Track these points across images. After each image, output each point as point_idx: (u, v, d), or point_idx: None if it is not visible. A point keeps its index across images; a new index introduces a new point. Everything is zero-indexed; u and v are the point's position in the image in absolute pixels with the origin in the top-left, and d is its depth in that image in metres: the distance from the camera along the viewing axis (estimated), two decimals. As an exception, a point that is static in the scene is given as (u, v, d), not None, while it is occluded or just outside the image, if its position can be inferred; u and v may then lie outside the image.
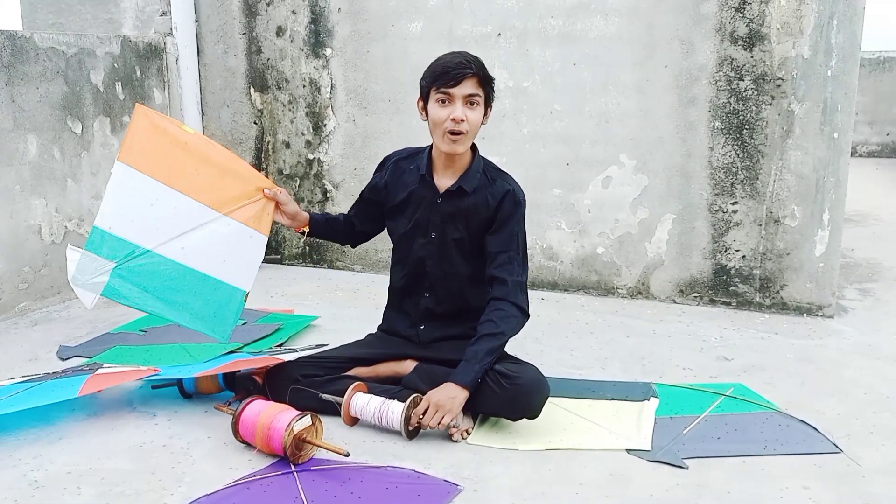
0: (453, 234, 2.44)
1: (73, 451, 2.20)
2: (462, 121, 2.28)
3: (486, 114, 2.37)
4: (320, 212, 2.70)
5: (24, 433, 2.30)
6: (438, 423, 2.22)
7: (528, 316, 2.41)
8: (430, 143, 2.46)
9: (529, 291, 2.45)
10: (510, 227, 2.40)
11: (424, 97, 2.36)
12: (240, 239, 2.54)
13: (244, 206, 2.52)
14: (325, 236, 2.76)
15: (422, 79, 2.36)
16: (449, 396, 2.23)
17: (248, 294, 2.62)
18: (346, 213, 2.73)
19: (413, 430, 2.28)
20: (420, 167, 2.45)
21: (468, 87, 2.28)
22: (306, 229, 2.63)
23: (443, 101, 2.30)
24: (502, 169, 2.50)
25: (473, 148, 2.45)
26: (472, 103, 2.30)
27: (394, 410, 2.27)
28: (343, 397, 2.32)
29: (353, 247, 2.82)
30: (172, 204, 2.47)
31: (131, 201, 2.46)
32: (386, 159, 2.59)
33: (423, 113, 2.39)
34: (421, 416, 2.24)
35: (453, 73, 2.26)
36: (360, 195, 2.68)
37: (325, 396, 2.34)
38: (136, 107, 2.47)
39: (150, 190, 2.45)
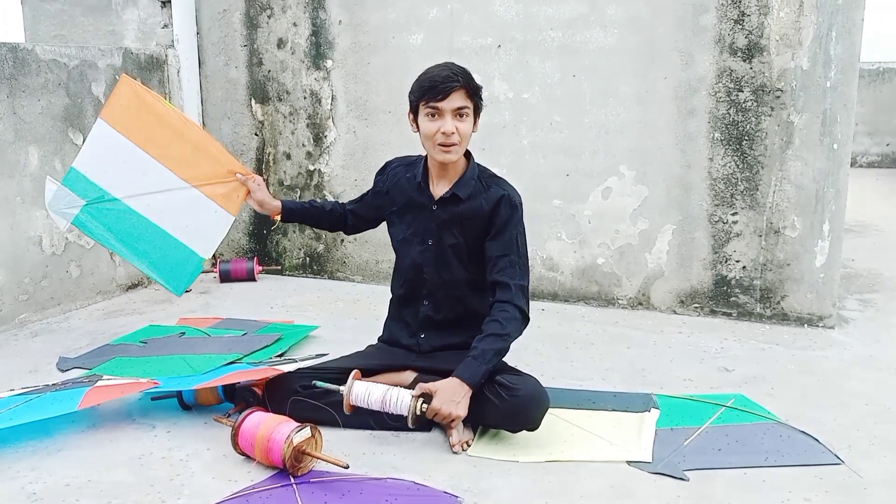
0: (449, 240, 2.46)
1: (72, 464, 2.20)
2: (452, 133, 2.30)
3: (475, 123, 2.39)
4: (301, 200, 2.77)
5: (22, 445, 2.30)
6: (450, 422, 2.24)
7: (528, 320, 2.41)
8: (426, 154, 2.48)
9: (530, 301, 2.45)
10: (509, 231, 2.41)
11: (414, 110, 2.39)
12: (204, 211, 2.74)
13: (214, 185, 2.75)
14: (303, 223, 2.87)
15: (410, 92, 2.38)
16: (453, 401, 2.20)
17: (205, 261, 2.86)
18: (342, 202, 2.80)
19: (418, 418, 2.22)
20: (416, 175, 2.49)
21: (457, 100, 2.30)
22: (278, 217, 2.74)
23: (432, 115, 2.32)
24: (498, 175, 2.51)
25: (468, 155, 2.46)
26: (461, 115, 2.32)
27: (401, 396, 2.23)
28: (341, 387, 2.29)
29: (347, 234, 2.92)
30: (142, 166, 2.68)
31: (106, 155, 2.66)
32: (387, 164, 2.64)
33: (414, 125, 2.41)
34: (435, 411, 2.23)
35: (441, 87, 2.28)
36: (362, 195, 2.75)
37: (321, 384, 2.31)
38: (122, 76, 2.66)
39: (123, 149, 2.67)
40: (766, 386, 2.81)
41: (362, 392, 2.28)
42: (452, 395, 2.21)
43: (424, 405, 2.23)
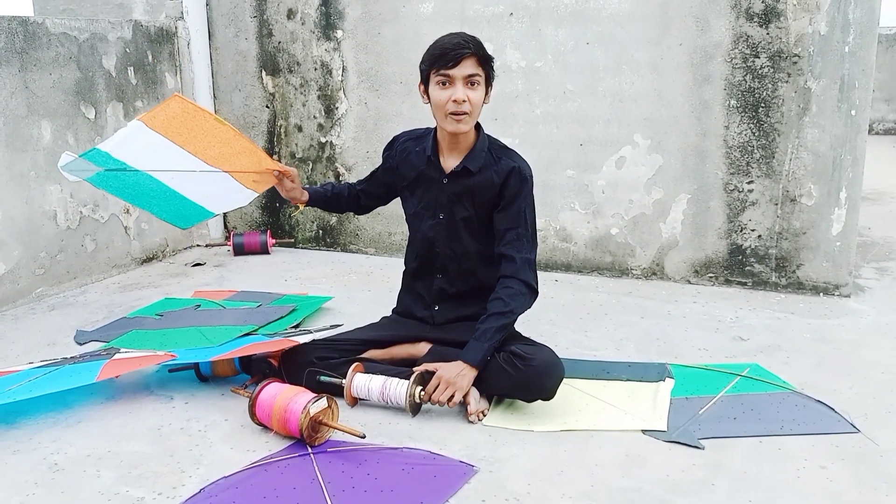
0: (461, 213, 2.45)
1: (92, 435, 2.23)
2: (464, 101, 2.27)
3: (487, 93, 2.36)
4: (322, 186, 2.75)
5: (43, 417, 2.33)
6: (449, 400, 2.24)
7: (536, 293, 2.41)
8: (435, 126, 2.46)
9: (544, 273, 2.46)
10: (517, 204, 2.40)
11: (425, 80, 2.36)
12: (230, 189, 2.69)
13: (246, 173, 2.62)
14: (323, 209, 2.85)
15: (421, 62, 2.35)
16: (458, 374, 2.25)
17: (215, 215, 2.89)
18: (352, 183, 2.78)
19: (417, 406, 2.30)
20: (426, 149, 2.46)
21: (468, 67, 2.27)
22: (302, 206, 2.72)
23: (443, 84, 2.29)
24: (509, 147, 2.49)
25: (478, 127, 2.44)
26: (472, 83, 2.29)
27: (398, 386, 2.29)
28: (343, 379, 2.34)
29: (359, 214, 2.92)
30: (176, 156, 2.56)
31: (138, 145, 2.52)
32: (395, 139, 2.61)
33: (425, 96, 2.38)
34: (431, 393, 2.25)
35: (452, 55, 2.25)
36: (372, 172, 2.72)
37: (325, 378, 2.35)
38: (174, 95, 2.52)
39: (160, 143, 2.53)
40: (781, 355, 2.80)
41: (363, 384, 2.34)
42: (455, 370, 2.26)
43: (422, 392, 2.28)
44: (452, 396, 2.24)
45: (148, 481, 1.98)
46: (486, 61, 2.31)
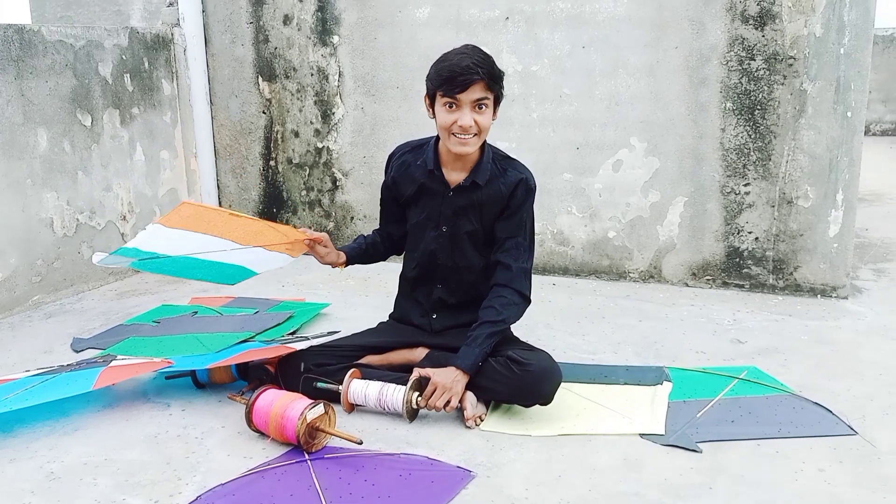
0: (466, 226, 2.42)
1: (89, 443, 2.22)
2: (470, 126, 2.22)
3: (495, 112, 2.30)
4: (355, 241, 2.64)
5: (39, 425, 2.32)
6: (445, 405, 2.24)
7: (529, 302, 2.41)
8: (435, 135, 2.41)
9: (541, 276, 2.46)
10: (520, 214, 2.39)
11: (431, 96, 2.29)
12: (266, 258, 2.62)
13: (278, 245, 2.54)
14: (365, 263, 2.68)
15: (428, 78, 2.28)
16: (452, 379, 2.25)
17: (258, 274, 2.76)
18: (378, 229, 2.66)
19: (414, 412, 2.30)
20: (427, 162, 2.40)
21: (476, 91, 2.19)
22: (342, 268, 2.61)
23: (450, 106, 2.22)
24: (511, 157, 2.46)
25: None
26: (480, 107, 2.23)
27: (395, 392, 2.29)
28: (340, 385, 2.34)
29: (402, 252, 2.68)
30: (205, 240, 2.52)
31: (162, 239, 2.50)
32: (391, 156, 2.55)
33: (430, 111, 2.32)
34: (428, 398, 2.26)
35: (460, 80, 2.17)
36: (381, 202, 2.63)
37: (322, 385, 2.35)
38: (183, 202, 2.50)
39: (184, 234, 2.49)
40: (779, 357, 2.80)
41: (359, 390, 2.33)
42: (450, 376, 2.26)
43: (419, 399, 2.28)
44: (449, 402, 2.24)
45: (145, 489, 1.97)
46: (495, 82, 2.23)
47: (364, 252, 2.62)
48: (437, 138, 2.40)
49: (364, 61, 4.06)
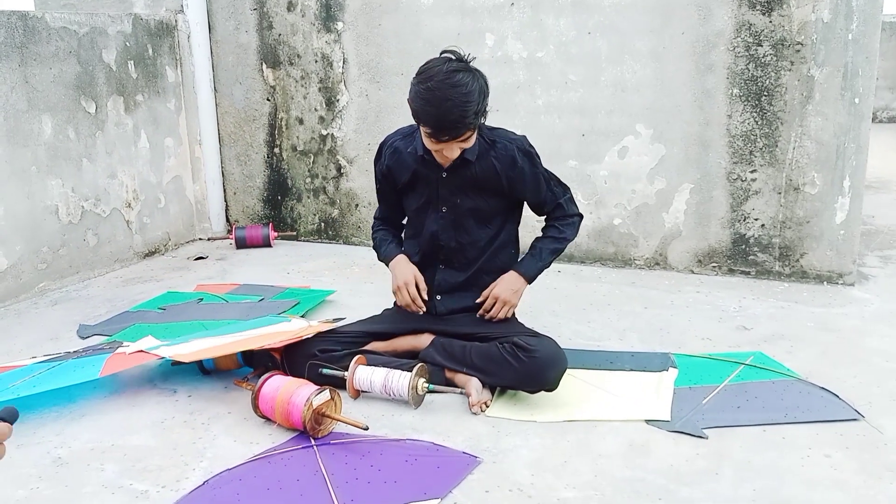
0: (467, 203, 2.44)
1: (96, 429, 2.23)
2: (455, 157, 2.30)
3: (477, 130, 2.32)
4: (391, 244, 2.62)
5: (46, 411, 2.33)
6: (505, 313, 2.44)
7: (582, 217, 2.60)
8: None
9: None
10: (535, 175, 2.46)
11: (414, 118, 2.28)
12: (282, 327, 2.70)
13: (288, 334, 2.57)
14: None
15: (411, 105, 2.26)
16: (511, 289, 2.45)
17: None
18: (380, 222, 2.68)
19: (420, 398, 2.30)
20: (417, 148, 2.42)
21: (460, 137, 2.22)
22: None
23: (433, 140, 2.24)
24: (495, 126, 2.46)
25: None
26: (464, 140, 2.25)
27: (400, 379, 2.29)
28: (346, 372, 2.34)
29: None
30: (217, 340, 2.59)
31: (171, 349, 2.54)
32: (382, 145, 2.57)
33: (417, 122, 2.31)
34: (488, 310, 2.43)
35: (448, 132, 2.19)
36: (377, 192, 2.65)
37: (327, 371, 2.35)
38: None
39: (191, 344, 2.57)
40: (785, 344, 2.79)
41: (365, 376, 2.33)
42: (510, 285, 2.45)
43: (426, 384, 2.30)
44: (504, 308, 2.44)
45: (152, 474, 1.98)
46: (478, 117, 2.23)
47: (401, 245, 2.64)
48: None
49: (368, 48, 4.05)
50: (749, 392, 2.38)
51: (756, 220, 3.53)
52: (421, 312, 2.46)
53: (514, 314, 2.57)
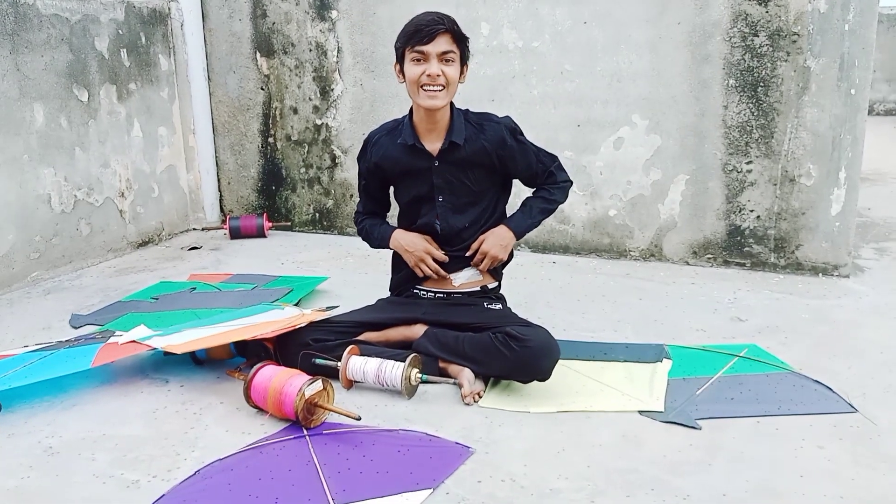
0: (461, 189, 2.47)
1: (87, 418, 2.22)
2: (438, 75, 2.30)
3: (462, 72, 2.39)
4: (382, 227, 2.67)
5: (37, 401, 2.32)
6: (492, 262, 2.49)
7: (571, 182, 2.64)
8: (406, 113, 2.46)
9: (541, 254, 2.51)
10: (522, 149, 2.50)
11: (400, 59, 2.38)
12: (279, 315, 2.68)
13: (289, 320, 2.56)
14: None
15: (396, 41, 2.37)
16: (500, 244, 2.48)
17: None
18: (360, 212, 2.72)
19: (413, 388, 2.30)
20: (406, 137, 2.45)
21: (442, 43, 2.29)
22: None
23: (418, 60, 2.31)
24: (479, 111, 2.52)
25: (451, 104, 2.44)
26: (447, 60, 2.32)
27: (393, 369, 2.28)
28: (338, 362, 2.33)
29: None
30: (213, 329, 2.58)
31: (165, 340, 2.52)
32: (366, 142, 2.59)
33: (401, 76, 2.40)
34: (478, 262, 2.46)
35: (426, 31, 2.28)
36: (360, 187, 2.68)
37: (320, 361, 2.34)
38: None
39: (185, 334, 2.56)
40: (779, 335, 2.79)
41: (358, 367, 2.33)
42: (500, 240, 2.48)
43: (419, 375, 2.29)
44: (494, 261, 2.48)
45: (143, 464, 1.97)
46: (460, 39, 2.34)
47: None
48: (411, 114, 2.46)
49: (363, 37, 4.02)
50: (743, 384, 2.37)
51: (751, 211, 3.52)
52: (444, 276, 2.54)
53: (508, 307, 2.56)
